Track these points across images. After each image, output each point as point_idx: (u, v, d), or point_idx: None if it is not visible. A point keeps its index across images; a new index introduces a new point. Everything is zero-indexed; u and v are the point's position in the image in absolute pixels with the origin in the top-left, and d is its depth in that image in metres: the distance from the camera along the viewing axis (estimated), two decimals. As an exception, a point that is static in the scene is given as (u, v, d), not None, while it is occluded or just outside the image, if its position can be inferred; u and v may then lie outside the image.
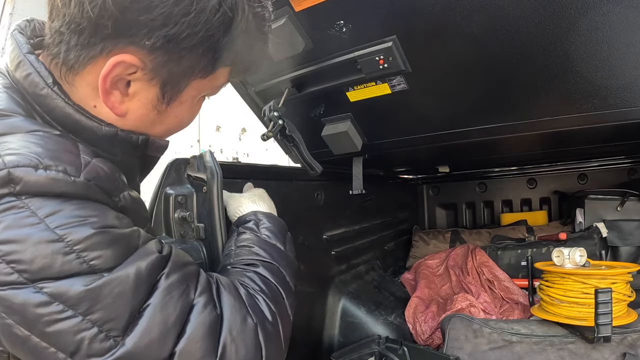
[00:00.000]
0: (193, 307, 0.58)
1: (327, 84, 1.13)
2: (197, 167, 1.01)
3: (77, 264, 0.50)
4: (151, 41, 0.55)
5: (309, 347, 1.40)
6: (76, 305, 0.50)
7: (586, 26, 0.79)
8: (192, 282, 0.60)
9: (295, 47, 1.02)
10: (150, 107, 0.63)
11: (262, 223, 0.88)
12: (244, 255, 0.79)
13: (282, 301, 0.74)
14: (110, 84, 0.58)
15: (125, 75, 0.58)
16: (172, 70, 0.60)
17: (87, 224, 0.52)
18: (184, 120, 0.70)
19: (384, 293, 1.70)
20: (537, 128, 1.04)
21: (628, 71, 0.85)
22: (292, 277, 0.81)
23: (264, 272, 0.75)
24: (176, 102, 0.64)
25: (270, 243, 0.84)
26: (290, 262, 0.84)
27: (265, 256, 0.79)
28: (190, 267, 0.62)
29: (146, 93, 0.61)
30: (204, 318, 0.58)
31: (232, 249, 0.82)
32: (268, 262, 0.78)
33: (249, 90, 1.29)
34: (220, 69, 0.65)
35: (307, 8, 0.95)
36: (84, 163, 0.55)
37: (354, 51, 1.01)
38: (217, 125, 4.37)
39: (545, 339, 1.11)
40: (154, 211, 0.99)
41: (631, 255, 1.60)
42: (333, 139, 1.24)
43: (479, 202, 2.38)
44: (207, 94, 0.70)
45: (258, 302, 0.68)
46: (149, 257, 0.56)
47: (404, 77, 1.03)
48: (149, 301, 0.54)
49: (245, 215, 0.92)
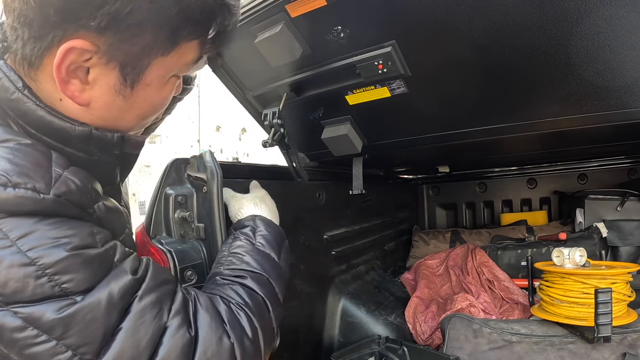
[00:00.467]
0: (166, 329, 0.58)
1: (326, 88, 1.13)
2: (197, 167, 1.01)
3: (49, 287, 0.51)
4: (96, 21, 0.53)
5: (309, 347, 1.40)
6: (50, 331, 0.51)
7: (588, 30, 0.79)
8: (166, 304, 0.60)
9: (293, 54, 1.01)
10: (113, 92, 0.61)
11: (259, 230, 0.87)
12: (234, 264, 0.78)
13: (267, 314, 0.73)
14: (66, 73, 0.56)
15: (81, 62, 0.56)
16: (128, 51, 0.57)
17: (60, 245, 0.52)
18: (155, 104, 0.67)
19: (384, 293, 1.70)
20: (537, 129, 1.04)
21: (629, 73, 0.85)
22: (281, 289, 0.80)
23: (251, 284, 0.75)
24: (141, 84, 0.62)
25: (264, 253, 0.83)
26: (281, 274, 0.83)
27: (256, 267, 0.78)
28: (165, 287, 0.61)
29: (106, 78, 0.59)
30: (177, 340, 0.58)
31: (225, 254, 0.82)
32: (258, 273, 0.77)
33: (247, 95, 1.29)
34: (184, 44, 0.62)
35: (303, 14, 0.94)
36: (54, 177, 0.55)
37: (352, 56, 1.00)
38: (217, 125, 4.37)
39: (545, 339, 1.11)
40: (153, 211, 0.99)
41: (631, 255, 1.60)
42: (333, 141, 1.24)
43: (479, 202, 2.38)
44: (179, 72, 0.67)
45: (239, 317, 0.68)
46: (121, 280, 0.56)
47: (404, 80, 1.02)
48: (121, 325, 0.55)
49: (243, 220, 0.91)
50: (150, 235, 0.98)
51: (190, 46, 0.63)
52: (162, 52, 0.60)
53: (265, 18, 0.98)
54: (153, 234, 0.98)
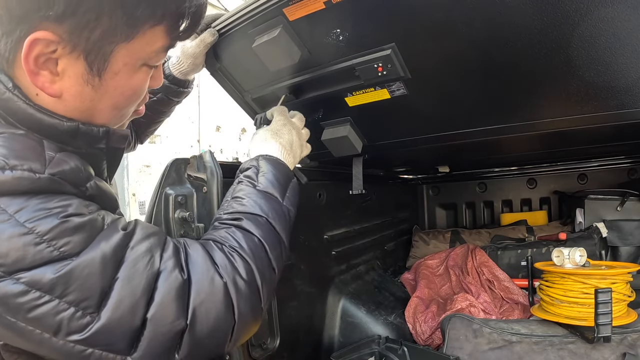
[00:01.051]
0: (159, 274, 0.61)
1: (325, 90, 1.12)
2: (197, 167, 1.01)
3: (48, 252, 0.54)
4: (54, 10, 0.56)
5: (309, 347, 1.41)
6: (51, 290, 0.54)
7: (588, 32, 0.79)
8: (157, 251, 0.63)
9: (292, 57, 1.00)
10: (82, 82, 0.62)
11: (262, 171, 0.86)
12: (232, 208, 0.79)
13: (264, 255, 0.74)
14: (34, 65, 0.59)
15: (48, 53, 0.59)
16: (90, 38, 0.59)
17: (52, 214, 0.55)
18: (127, 92, 0.68)
19: (384, 293, 1.70)
20: (537, 129, 1.04)
21: (629, 74, 0.84)
22: (284, 228, 0.80)
23: (247, 225, 0.75)
24: (108, 72, 0.63)
25: (265, 193, 0.82)
26: (283, 213, 0.82)
27: (253, 208, 0.78)
28: (155, 237, 0.64)
29: (74, 68, 0.61)
30: (170, 283, 0.61)
31: (227, 199, 0.82)
32: (254, 214, 0.77)
33: (246, 97, 1.29)
34: (147, 30, 0.63)
35: (301, 17, 0.92)
36: (48, 158, 0.58)
37: (351, 59, 0.99)
38: (217, 125, 4.37)
39: (545, 339, 1.11)
40: (153, 211, 0.99)
41: (631, 255, 1.60)
42: (333, 143, 1.24)
43: (479, 202, 2.38)
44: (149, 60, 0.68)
45: (232, 259, 0.69)
46: (113, 236, 0.59)
47: (403, 82, 1.02)
48: (117, 275, 0.58)
49: (248, 161, 0.90)
50: (150, 235, 0.97)
51: (156, 32, 0.65)
52: (125, 38, 0.62)
53: (263, 22, 0.97)
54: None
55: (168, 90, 1.18)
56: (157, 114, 1.26)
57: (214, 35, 1.07)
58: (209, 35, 1.07)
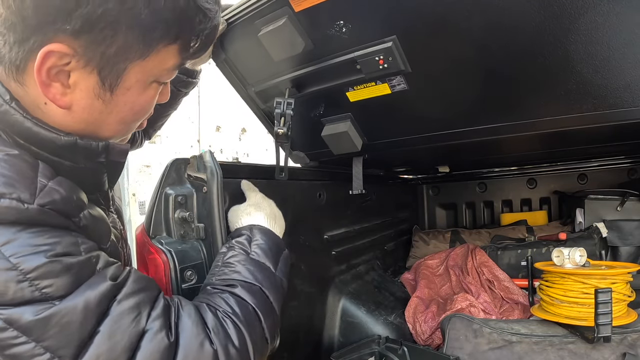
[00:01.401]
0: (144, 333, 0.59)
1: (327, 84, 1.13)
2: (197, 167, 1.01)
3: (29, 291, 0.52)
4: (71, 25, 0.55)
5: (309, 347, 1.40)
6: (28, 332, 0.52)
7: (586, 26, 0.79)
8: (146, 309, 0.60)
9: (295, 48, 1.02)
10: (93, 96, 0.62)
11: (255, 239, 0.86)
12: (225, 274, 0.78)
13: (258, 324, 0.73)
14: (46, 76, 0.58)
15: (61, 65, 0.58)
16: (105, 54, 0.59)
17: (41, 252, 0.53)
18: (136, 108, 0.67)
19: (384, 293, 1.70)
20: (536, 128, 1.04)
21: (628, 71, 0.85)
22: (276, 298, 0.79)
23: (241, 292, 0.74)
24: (120, 88, 0.63)
25: (258, 262, 0.82)
26: (276, 283, 0.82)
27: (247, 276, 0.78)
28: (145, 293, 0.62)
29: (86, 82, 0.60)
30: (155, 345, 0.58)
31: (218, 264, 0.82)
32: (249, 282, 0.77)
33: (249, 91, 1.30)
34: (162, 49, 0.62)
35: (307, 8, 0.94)
36: (39, 187, 0.56)
37: (353, 51, 1.01)
38: (217, 125, 4.37)
39: (545, 339, 1.11)
40: (153, 211, 0.99)
41: (631, 255, 1.60)
42: (333, 139, 1.24)
43: (479, 202, 2.38)
44: (160, 78, 0.67)
45: (226, 325, 0.67)
46: (100, 286, 0.57)
47: (404, 77, 1.03)
48: (98, 328, 0.56)
49: (241, 229, 0.91)
50: (150, 235, 0.98)
51: (169, 51, 0.64)
52: (140, 56, 0.61)
53: (269, 12, 1.00)
54: (153, 234, 0.98)
55: (177, 81, 1.19)
56: (165, 106, 1.25)
57: (222, 24, 1.08)
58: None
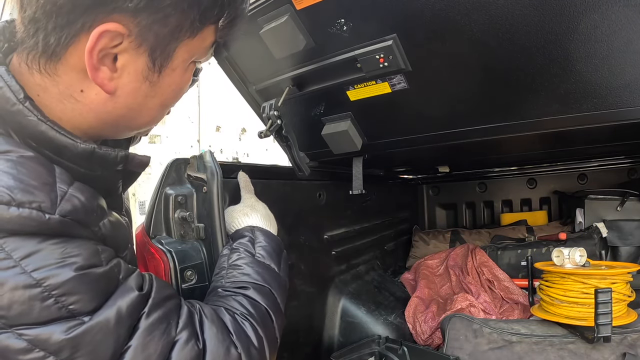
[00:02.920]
0: (175, 344, 0.58)
1: (328, 82, 1.13)
2: (197, 167, 1.01)
3: (56, 309, 0.49)
4: (134, 3, 0.52)
5: (309, 347, 1.40)
6: (58, 352, 0.49)
7: (586, 25, 0.79)
8: (174, 319, 0.60)
9: (296, 45, 1.02)
10: (141, 78, 0.59)
11: (258, 241, 0.87)
12: (235, 277, 0.79)
13: (271, 324, 0.74)
14: (97, 59, 0.55)
15: (111, 48, 0.55)
16: (159, 33, 0.56)
17: (66, 265, 0.51)
18: (176, 89, 0.66)
19: (384, 293, 1.70)
20: (536, 128, 1.04)
21: (628, 70, 0.85)
22: (282, 299, 0.82)
23: (254, 294, 0.76)
24: (168, 69, 0.61)
25: (264, 264, 0.83)
26: (282, 284, 0.84)
27: (257, 278, 0.79)
28: (171, 302, 0.62)
29: (135, 64, 0.58)
30: (186, 354, 0.58)
31: (224, 266, 0.82)
32: (259, 284, 0.78)
33: (250, 89, 1.30)
34: (207, 26, 0.62)
35: (308, 6, 0.95)
36: (59, 195, 0.53)
37: (354, 50, 1.01)
38: (217, 125, 4.37)
39: (545, 339, 1.11)
40: (153, 211, 0.99)
41: (631, 255, 1.61)
42: (333, 138, 1.24)
43: (479, 202, 2.39)
44: (198, 57, 0.66)
45: (245, 327, 0.69)
46: (128, 297, 0.56)
47: (404, 76, 1.03)
48: (130, 343, 0.54)
49: (242, 230, 0.91)
50: (150, 235, 0.98)
51: (210, 29, 0.63)
52: (189, 35, 0.60)
53: (271, 10, 1.00)
54: (153, 234, 0.98)
55: None
56: None
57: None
58: None
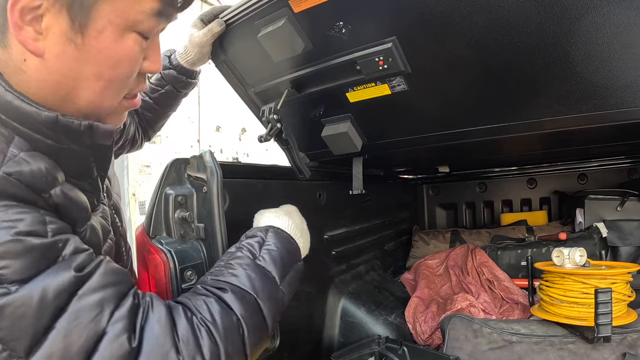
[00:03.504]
0: (104, 335, 0.53)
1: (327, 84, 1.13)
2: (197, 167, 1.01)
3: None
4: None
5: (309, 347, 1.41)
6: None
7: (586, 27, 0.79)
8: (109, 307, 0.54)
9: (295, 49, 1.02)
10: (65, 40, 0.57)
11: (267, 244, 0.79)
12: (223, 275, 0.71)
13: (238, 337, 0.64)
14: (19, 18, 0.54)
15: (34, 8, 0.54)
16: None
17: (4, 228, 0.49)
18: (112, 58, 0.61)
19: (384, 293, 1.70)
20: (536, 128, 1.04)
21: (628, 71, 0.85)
22: (271, 313, 0.70)
23: (230, 299, 0.66)
24: (92, 29, 0.58)
25: (264, 270, 0.74)
26: (276, 296, 0.73)
27: (244, 283, 0.69)
28: (112, 289, 0.56)
29: (58, 24, 0.56)
30: (114, 350, 0.52)
31: (221, 263, 0.75)
32: (243, 289, 0.68)
33: (249, 91, 1.30)
34: None
35: (306, 9, 0.94)
36: (8, 156, 0.53)
37: (353, 52, 1.01)
38: (217, 125, 4.37)
39: (545, 339, 1.11)
40: (153, 211, 0.99)
41: (631, 255, 1.61)
42: (333, 139, 1.24)
43: (479, 202, 2.39)
44: (138, 24, 0.61)
45: (198, 334, 0.60)
46: (61, 276, 0.52)
47: (404, 77, 1.03)
48: (55, 324, 0.51)
49: (257, 229, 0.84)
50: (150, 235, 0.98)
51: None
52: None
53: (268, 13, 0.99)
54: (153, 234, 0.98)
55: (176, 81, 1.19)
56: (165, 107, 1.26)
57: (221, 25, 1.08)
58: (217, 25, 1.08)
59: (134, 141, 1.28)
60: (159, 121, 1.32)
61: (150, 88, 1.22)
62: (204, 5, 3.93)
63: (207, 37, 1.10)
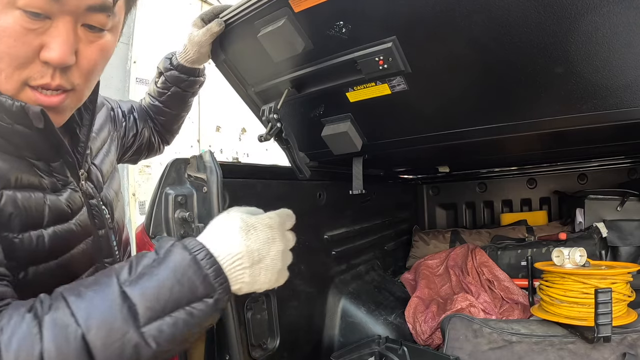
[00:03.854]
0: None
1: (327, 84, 1.13)
2: (197, 167, 1.01)
3: None
4: None
5: (309, 347, 1.40)
6: None
7: (586, 27, 0.79)
8: None
9: (295, 48, 1.02)
10: None
11: (158, 266, 0.55)
12: (80, 283, 0.54)
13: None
14: None
15: None
16: None
17: None
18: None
19: (384, 293, 1.70)
20: (537, 128, 1.04)
21: (628, 71, 0.85)
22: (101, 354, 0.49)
23: (48, 321, 0.49)
24: None
25: (129, 302, 0.52)
26: (122, 346, 0.50)
27: (80, 309, 0.50)
28: None
29: None
30: None
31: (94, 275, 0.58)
32: (72, 318, 0.49)
33: (249, 91, 1.30)
34: None
35: (306, 9, 0.94)
36: None
37: (353, 52, 1.01)
38: (217, 125, 4.37)
39: (545, 339, 1.11)
40: (153, 211, 0.99)
41: (631, 255, 1.61)
42: (333, 139, 1.25)
43: (479, 202, 2.39)
44: (21, 4, 0.56)
45: None
46: None
47: (404, 77, 1.03)
48: None
49: (166, 239, 0.61)
50: (150, 235, 0.98)
51: None
52: None
53: (268, 13, 0.99)
54: (153, 234, 0.98)
55: (179, 81, 1.20)
56: (175, 109, 1.27)
57: (220, 25, 1.08)
58: (216, 25, 1.08)
59: (151, 146, 1.29)
60: (174, 124, 1.32)
61: (157, 92, 1.23)
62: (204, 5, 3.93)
63: (206, 37, 1.10)
